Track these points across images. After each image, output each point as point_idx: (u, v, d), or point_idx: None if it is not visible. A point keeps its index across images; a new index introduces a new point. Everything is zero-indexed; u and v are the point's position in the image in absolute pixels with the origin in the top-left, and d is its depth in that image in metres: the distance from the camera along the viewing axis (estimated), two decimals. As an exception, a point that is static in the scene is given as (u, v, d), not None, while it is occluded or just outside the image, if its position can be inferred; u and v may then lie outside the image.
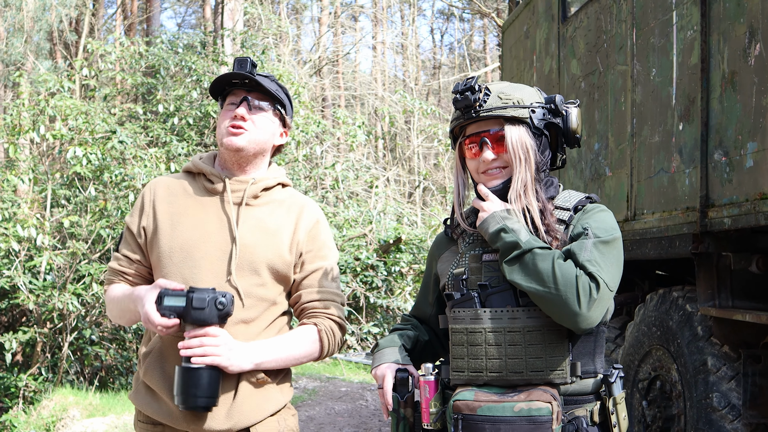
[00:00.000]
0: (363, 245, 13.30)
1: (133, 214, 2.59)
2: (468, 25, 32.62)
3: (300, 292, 2.59)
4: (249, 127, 2.53)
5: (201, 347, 2.32)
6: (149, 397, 2.47)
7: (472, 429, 2.00)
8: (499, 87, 2.24)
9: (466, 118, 2.23)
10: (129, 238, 2.58)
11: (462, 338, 2.13)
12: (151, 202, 2.56)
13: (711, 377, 4.03)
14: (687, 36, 4.13)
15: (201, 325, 2.34)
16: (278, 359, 2.48)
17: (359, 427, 7.61)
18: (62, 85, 10.94)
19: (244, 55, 2.58)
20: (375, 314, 12.97)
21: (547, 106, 2.24)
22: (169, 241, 2.48)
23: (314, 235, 2.62)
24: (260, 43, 14.96)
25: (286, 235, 2.56)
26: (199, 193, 2.57)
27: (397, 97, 20.17)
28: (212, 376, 2.33)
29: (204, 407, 2.33)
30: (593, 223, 2.15)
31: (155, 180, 2.64)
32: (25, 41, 15.55)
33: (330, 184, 14.45)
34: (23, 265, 9.48)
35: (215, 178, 2.56)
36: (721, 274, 4.05)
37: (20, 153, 10.40)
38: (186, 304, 2.32)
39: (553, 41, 6.06)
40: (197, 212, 2.53)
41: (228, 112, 2.57)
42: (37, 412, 8.45)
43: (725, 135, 3.80)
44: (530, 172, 2.19)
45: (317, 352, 2.57)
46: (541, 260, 2.05)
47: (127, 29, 21.26)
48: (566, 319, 2.03)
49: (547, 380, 2.07)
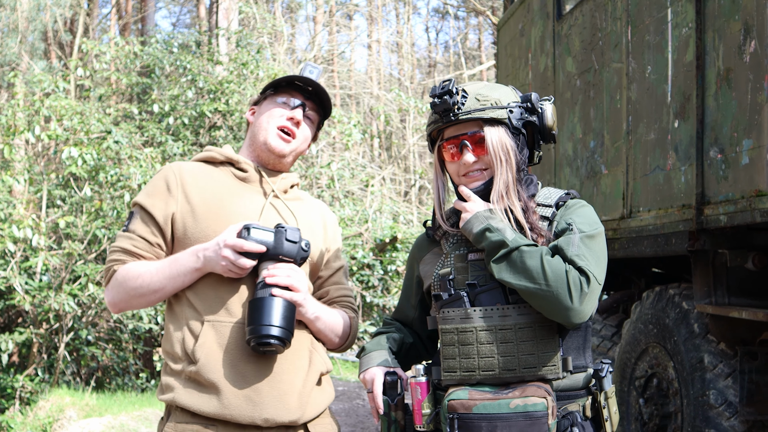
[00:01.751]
0: (359, 244, 13.30)
1: (154, 197, 2.39)
2: (463, 23, 32.62)
3: (327, 288, 2.58)
4: (298, 135, 2.47)
5: (288, 278, 2.25)
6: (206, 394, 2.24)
7: (468, 428, 2.00)
8: (476, 88, 2.25)
9: (444, 121, 2.23)
10: (148, 220, 2.38)
11: (453, 338, 2.12)
12: (179, 187, 2.39)
13: (708, 374, 4.04)
14: (682, 33, 4.13)
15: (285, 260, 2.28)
16: (330, 324, 2.44)
17: (356, 426, 7.61)
18: (57, 86, 10.92)
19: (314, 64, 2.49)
20: (371, 313, 12.98)
21: (523, 105, 2.24)
22: (207, 228, 2.34)
23: (335, 235, 2.64)
24: (255, 42, 14.94)
25: (319, 231, 2.55)
26: (231, 181, 2.45)
27: (392, 95, 20.16)
28: (290, 309, 2.24)
29: (280, 339, 2.19)
30: (577, 218, 2.17)
31: (176, 165, 2.46)
32: (20, 41, 15.52)
33: (326, 183, 14.42)
34: (19, 266, 9.46)
35: (248, 167, 2.46)
36: (718, 272, 4.05)
37: (15, 153, 10.38)
38: (277, 236, 2.26)
39: (548, 39, 6.05)
40: (231, 198, 2.41)
41: (279, 109, 2.47)
42: (34, 412, 8.44)
43: (721, 132, 3.80)
44: (511, 172, 2.20)
45: (347, 337, 2.54)
46: (529, 257, 2.05)
47: (122, 29, 21.21)
48: (558, 315, 2.04)
49: (540, 376, 2.07)
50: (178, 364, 2.30)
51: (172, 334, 2.35)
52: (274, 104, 2.49)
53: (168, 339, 2.36)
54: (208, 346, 2.25)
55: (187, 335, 2.30)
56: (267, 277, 2.23)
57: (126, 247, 2.38)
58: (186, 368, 2.27)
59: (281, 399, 2.27)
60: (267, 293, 2.21)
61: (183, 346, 2.29)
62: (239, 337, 2.27)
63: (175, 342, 2.32)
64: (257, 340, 2.18)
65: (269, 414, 2.25)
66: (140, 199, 2.42)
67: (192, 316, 2.31)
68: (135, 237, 2.38)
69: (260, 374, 2.27)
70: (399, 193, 20.92)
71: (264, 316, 2.18)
